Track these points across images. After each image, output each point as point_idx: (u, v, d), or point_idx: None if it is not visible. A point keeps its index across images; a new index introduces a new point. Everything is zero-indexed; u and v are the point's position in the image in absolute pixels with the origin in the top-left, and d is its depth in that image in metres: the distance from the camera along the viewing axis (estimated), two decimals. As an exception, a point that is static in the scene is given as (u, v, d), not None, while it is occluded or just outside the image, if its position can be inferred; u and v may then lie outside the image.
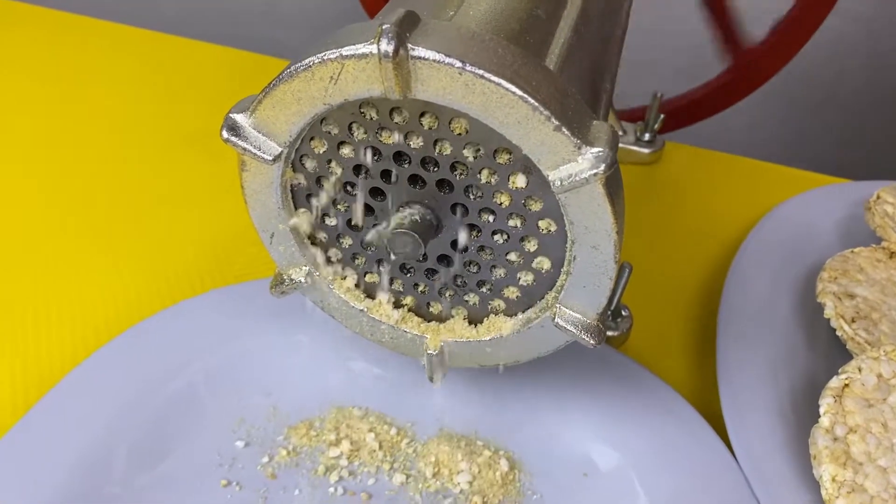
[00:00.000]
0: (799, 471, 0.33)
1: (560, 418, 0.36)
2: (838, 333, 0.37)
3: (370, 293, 0.33)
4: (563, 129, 0.24)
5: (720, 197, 0.50)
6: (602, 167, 0.24)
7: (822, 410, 0.32)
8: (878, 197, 0.43)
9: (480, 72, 0.23)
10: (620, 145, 0.52)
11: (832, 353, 0.39)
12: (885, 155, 0.71)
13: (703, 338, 0.42)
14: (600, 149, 0.24)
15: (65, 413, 0.34)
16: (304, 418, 0.36)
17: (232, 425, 0.36)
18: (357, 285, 0.33)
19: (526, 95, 0.24)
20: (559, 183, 0.25)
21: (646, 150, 0.51)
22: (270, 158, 0.28)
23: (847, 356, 0.37)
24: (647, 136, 0.51)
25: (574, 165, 0.24)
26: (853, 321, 0.36)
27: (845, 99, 0.71)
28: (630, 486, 0.34)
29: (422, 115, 0.26)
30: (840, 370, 0.33)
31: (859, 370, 0.33)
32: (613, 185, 0.26)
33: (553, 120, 0.24)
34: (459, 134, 0.26)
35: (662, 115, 0.50)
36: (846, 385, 0.32)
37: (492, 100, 0.24)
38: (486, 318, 0.31)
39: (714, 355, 0.38)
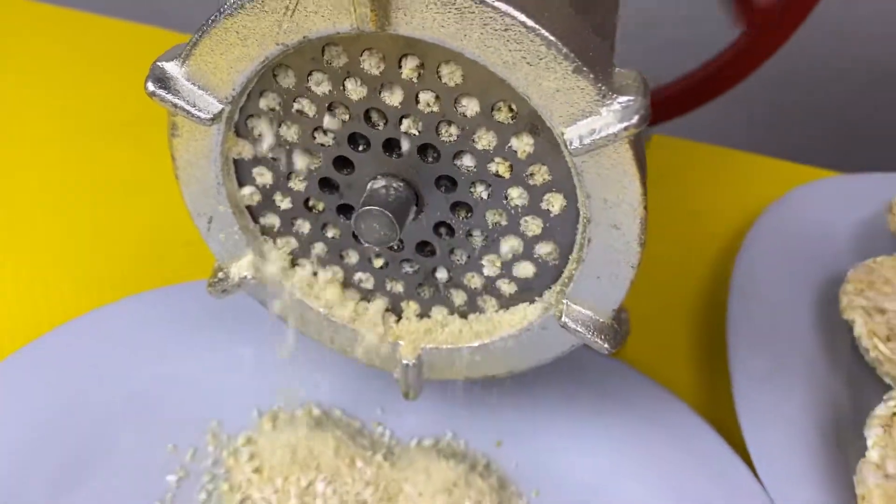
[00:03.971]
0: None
1: (556, 439, 0.31)
2: (872, 354, 0.32)
3: (332, 291, 0.27)
4: (585, 71, 0.19)
5: (713, 193, 0.45)
6: (634, 119, 0.19)
7: (869, 443, 0.27)
8: None
9: (481, -5, 0.18)
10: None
11: (853, 371, 0.34)
12: (878, 146, 0.69)
13: (703, 343, 0.37)
14: (630, 97, 0.19)
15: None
16: (249, 445, 0.30)
17: (162, 456, 0.30)
18: (315, 281, 0.27)
19: (539, 27, 0.19)
20: (577, 142, 0.20)
21: (630, 142, 0.47)
22: (209, 117, 0.22)
23: (871, 376, 0.33)
24: (631, 127, 0.47)
25: (596, 119, 0.19)
26: (888, 339, 0.32)
27: (837, 89, 0.69)
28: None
29: (402, 59, 0.21)
30: (886, 396, 0.29)
31: None
32: (639, 147, 0.21)
33: (573, 59, 0.19)
34: (450, 83, 0.21)
35: (648, 104, 0.46)
36: (895, 413, 0.28)
37: (494, 33, 0.19)
38: (474, 320, 0.26)
39: (718, 363, 0.34)
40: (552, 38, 0.19)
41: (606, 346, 0.23)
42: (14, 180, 0.43)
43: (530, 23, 0.18)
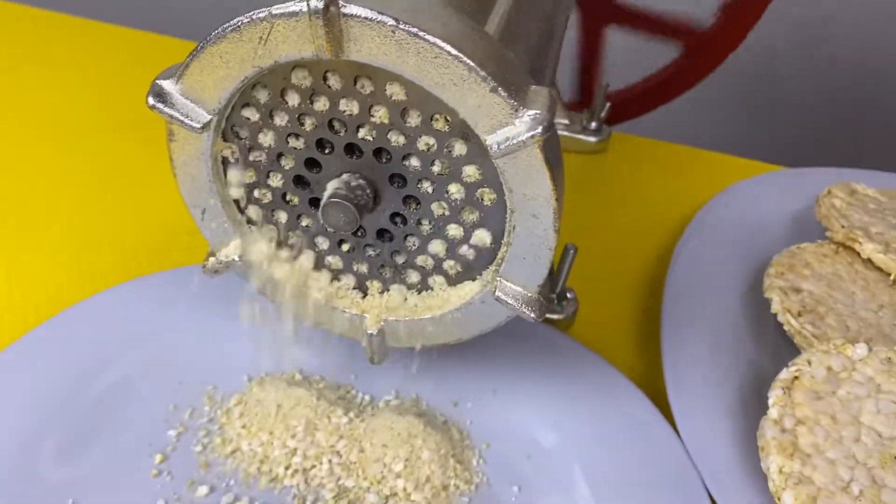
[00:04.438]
0: (747, 463, 0.33)
1: (505, 401, 0.35)
2: (785, 328, 0.36)
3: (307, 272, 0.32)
4: (500, 91, 0.23)
5: (667, 186, 0.50)
6: (539, 129, 0.23)
7: (770, 402, 0.31)
8: (829, 192, 0.44)
9: (414, 30, 0.23)
10: (567, 134, 0.52)
11: (779, 347, 0.38)
12: (826, 142, 0.73)
13: (649, 322, 0.42)
14: (537, 111, 0.23)
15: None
16: (239, 406, 0.35)
17: (165, 414, 0.34)
18: (293, 263, 0.31)
19: (461, 55, 0.23)
20: (496, 147, 0.24)
21: (592, 139, 0.51)
22: (199, 126, 0.27)
23: (794, 350, 0.37)
24: (593, 125, 0.51)
25: (511, 129, 0.24)
26: (800, 315, 0.36)
27: (790, 89, 0.73)
28: (575, 468, 0.33)
29: (356, 78, 0.25)
30: (790, 363, 0.33)
31: (809, 363, 0.32)
32: (552, 150, 0.25)
33: (489, 81, 0.23)
34: (395, 98, 0.25)
35: (609, 104, 0.50)
36: (796, 378, 0.32)
37: (426, 60, 0.23)
38: (426, 296, 0.31)
39: (657, 340, 0.38)
40: (472, 63, 0.23)
41: (533, 315, 0.28)
42: (37, 176, 0.48)
43: (454, 52, 0.23)
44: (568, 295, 0.40)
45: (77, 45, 0.60)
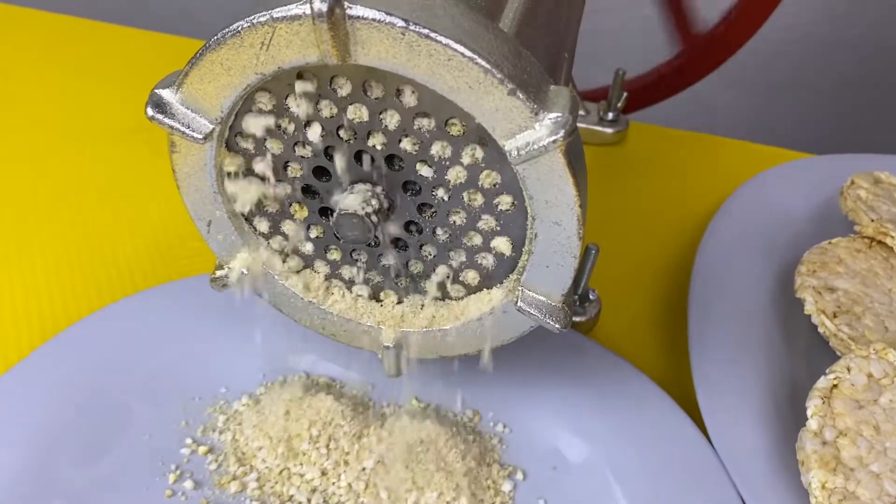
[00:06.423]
0: (785, 474, 0.31)
1: (527, 409, 0.34)
2: (820, 330, 0.35)
3: (319, 283, 0.30)
4: (519, 94, 0.22)
5: (688, 176, 0.48)
6: (561, 133, 0.22)
7: (809, 413, 0.30)
8: (853, 182, 0.42)
9: (425, 31, 0.21)
10: (583, 126, 0.50)
11: (813, 348, 0.36)
12: (848, 129, 0.71)
13: (674, 323, 0.40)
14: (559, 114, 0.22)
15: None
16: (254, 422, 0.33)
17: (177, 430, 0.33)
18: (304, 274, 0.30)
19: (476, 56, 0.21)
20: (516, 153, 0.23)
21: (609, 130, 0.49)
22: (201, 137, 0.25)
23: (828, 351, 0.35)
24: (610, 116, 0.49)
25: (531, 133, 0.22)
26: (835, 316, 0.35)
27: (808, 75, 0.71)
28: (603, 479, 0.32)
29: (365, 83, 0.24)
30: (828, 370, 0.31)
31: (848, 370, 0.31)
32: (574, 154, 0.23)
33: (507, 83, 0.22)
34: (407, 103, 0.24)
35: (626, 94, 0.49)
36: (835, 385, 0.30)
37: (439, 62, 0.22)
38: (444, 306, 0.29)
39: (685, 340, 0.36)
40: (488, 66, 0.21)
41: (557, 326, 0.27)
42: (46, 183, 0.47)
43: (468, 53, 0.21)
44: (590, 296, 0.38)
45: (81, 47, 0.58)
